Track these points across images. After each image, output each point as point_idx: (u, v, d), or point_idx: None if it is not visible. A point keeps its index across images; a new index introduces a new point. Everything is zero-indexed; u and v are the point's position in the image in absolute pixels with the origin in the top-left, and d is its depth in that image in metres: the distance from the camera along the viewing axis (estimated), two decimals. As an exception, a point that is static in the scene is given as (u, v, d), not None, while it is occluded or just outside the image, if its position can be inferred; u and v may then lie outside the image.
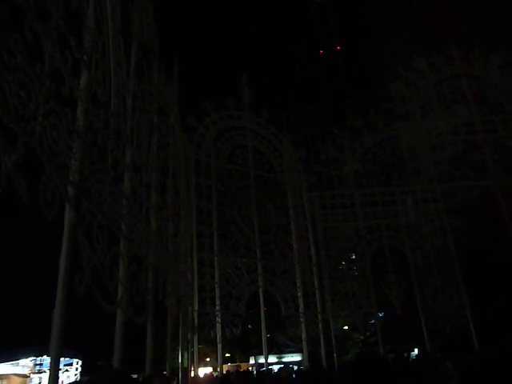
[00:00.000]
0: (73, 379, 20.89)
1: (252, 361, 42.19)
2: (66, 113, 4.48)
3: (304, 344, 18.22)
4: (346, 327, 31.65)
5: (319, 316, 18.56)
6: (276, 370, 19.46)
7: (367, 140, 21.66)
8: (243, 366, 35.37)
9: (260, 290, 17.55)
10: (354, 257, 20.69)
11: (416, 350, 31.79)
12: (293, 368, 20.50)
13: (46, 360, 18.75)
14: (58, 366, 4.47)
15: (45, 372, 19.28)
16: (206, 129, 18.89)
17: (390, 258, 20.09)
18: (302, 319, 17.94)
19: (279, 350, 42.07)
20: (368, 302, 19.27)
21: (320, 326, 18.40)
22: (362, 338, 35.69)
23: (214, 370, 25.77)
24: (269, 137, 20.78)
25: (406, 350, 27.90)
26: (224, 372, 17.52)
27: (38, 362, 19.21)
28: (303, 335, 17.95)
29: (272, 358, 37.99)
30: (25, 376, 18.58)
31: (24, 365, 19.30)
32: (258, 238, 18.17)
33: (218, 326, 16.21)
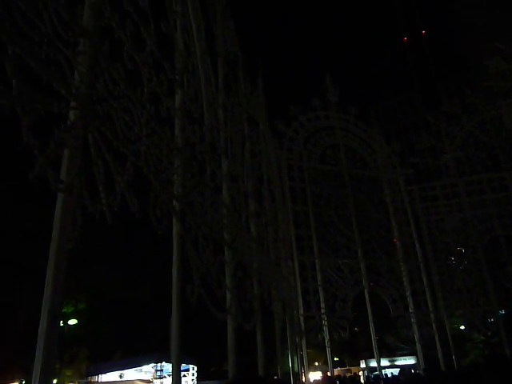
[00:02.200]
0: (190, 384, 21.88)
1: (362, 364, 40.93)
2: (166, 131, 4.74)
3: (418, 346, 17.24)
4: (462, 327, 29.32)
5: (432, 315, 17.44)
6: (389, 375, 18.65)
7: (467, 124, 20.04)
8: (353, 370, 34.46)
9: (365, 291, 17.02)
10: (463, 250, 19.17)
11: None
12: (410, 371, 19.44)
13: (166, 366, 20.00)
14: (180, 371, 4.70)
15: (165, 377, 20.56)
16: (295, 132, 18.92)
17: (507, 249, 18.25)
18: (413, 319, 17.02)
19: (390, 353, 40.27)
20: (486, 298, 17.68)
21: (433, 326, 17.28)
22: (483, 338, 32.76)
23: (324, 374, 25.41)
24: (359, 133, 20.21)
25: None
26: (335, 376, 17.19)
27: (159, 368, 20.53)
28: (416, 336, 17.00)
29: (384, 362, 36.51)
30: (148, 381, 19.96)
31: (146, 371, 20.74)
32: (358, 237, 17.67)
33: (325, 329, 16.01)
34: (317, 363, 39.40)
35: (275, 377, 12.59)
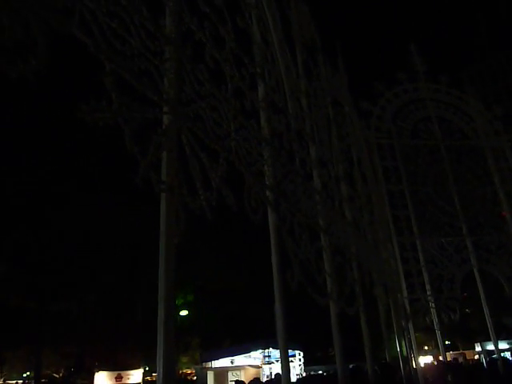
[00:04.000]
0: (298, 370, 22.29)
1: (478, 348, 38.38)
2: (253, 124, 4.84)
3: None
4: None
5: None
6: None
7: None
8: (468, 354, 32.48)
9: (475, 270, 15.89)
10: None
11: None
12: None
13: (273, 352, 20.57)
14: (287, 357, 4.81)
15: (273, 363, 21.16)
16: (382, 110, 18.14)
17: None
18: (533, 298, 15.57)
19: (510, 335, 37.19)
20: None
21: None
22: None
23: (435, 358, 24.29)
24: (453, 102, 18.77)
25: None
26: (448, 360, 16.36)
27: (266, 354, 21.19)
28: (540, 316, 15.54)
29: (502, 344, 33.85)
30: (257, 367, 20.67)
31: (255, 357, 21.51)
32: (462, 213, 16.51)
33: (433, 311, 15.26)
34: (426, 347, 37.80)
35: (383, 361, 12.34)
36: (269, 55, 6.52)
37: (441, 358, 16.18)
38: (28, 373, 30.56)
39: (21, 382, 25.04)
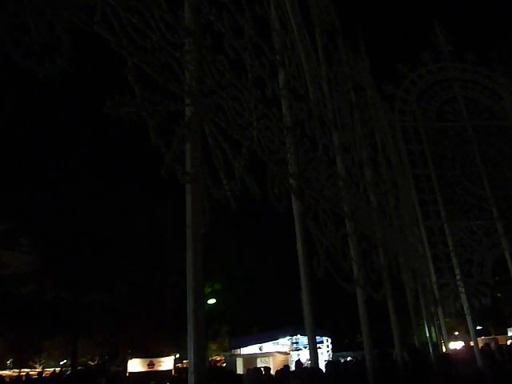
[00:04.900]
0: (326, 356, 22.36)
1: (510, 332, 37.63)
2: (274, 112, 4.84)
3: None
4: None
5: None
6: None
7: None
8: (500, 340, 31.87)
9: (506, 253, 15.51)
10: None
11: None
12: None
13: (301, 339, 20.70)
14: (315, 343, 4.86)
15: (301, 350, 21.30)
16: (405, 92, 17.74)
17: None
18: None
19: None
20: None
21: None
22: None
23: (466, 344, 23.97)
24: (481, 81, 18.17)
25: None
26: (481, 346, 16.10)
27: (294, 341, 21.34)
28: None
29: (538, 329, 33.07)
30: (285, 353, 20.85)
31: (283, 343, 21.68)
32: (492, 195, 16.08)
33: (463, 296, 15.01)
34: (457, 332, 37.31)
35: (412, 346, 12.26)
36: (288, 42, 6.47)
37: (471, 344, 15.93)
38: (65, 360, 31.76)
39: (58, 369, 26.03)
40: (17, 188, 22.61)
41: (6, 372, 27.00)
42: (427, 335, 12.48)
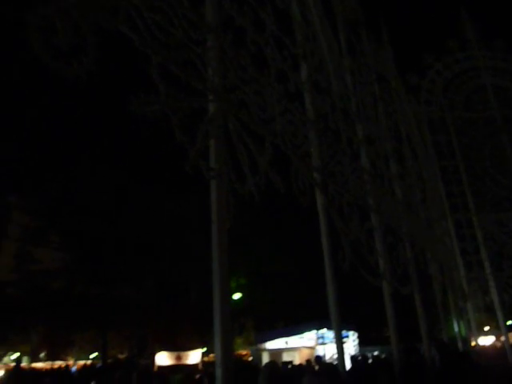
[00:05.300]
0: (352, 350, 22.21)
1: (545, 327, 36.48)
2: (297, 106, 4.82)
3: None
4: None
5: None
6: None
7: None
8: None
9: (538, 246, 15.07)
10: None
11: None
12: None
13: (326, 333, 20.59)
14: (341, 338, 4.85)
15: (326, 344, 21.19)
16: (431, 83, 17.36)
17: None
18: None
19: None
20: None
21: None
22: None
23: (497, 339, 23.41)
24: (510, 69, 17.61)
25: None
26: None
27: (320, 335, 21.24)
28: None
29: None
30: (311, 348, 20.79)
31: (309, 338, 21.62)
32: (522, 187, 15.63)
33: (493, 290, 14.68)
34: (487, 327, 36.43)
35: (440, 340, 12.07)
36: (310, 34, 6.42)
37: (502, 339, 15.56)
38: (95, 353, 32.61)
39: (89, 362, 26.76)
40: (47, 186, 23.27)
41: (40, 364, 27.89)
42: (456, 330, 12.26)
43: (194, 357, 19.28)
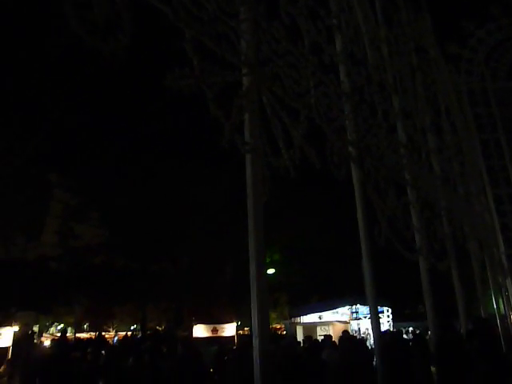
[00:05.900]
0: (386, 326, 22.19)
1: None
2: (332, 79, 4.71)
3: None
4: None
5: None
6: None
7: None
8: None
9: None
10: None
11: None
12: None
13: (361, 308, 20.64)
14: (377, 313, 4.84)
15: (360, 319, 21.27)
16: (472, 52, 16.56)
17: None
18: None
19: None
20: None
21: None
22: None
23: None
24: (560, 34, 16.55)
25: None
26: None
27: (354, 311, 21.33)
28: None
29: None
30: (345, 322, 20.93)
31: (343, 313, 21.75)
32: None
33: (535, 266, 14.23)
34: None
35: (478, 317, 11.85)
36: (345, 4, 6.22)
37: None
38: (135, 325, 34.02)
39: (130, 333, 27.95)
40: (86, 164, 24.01)
41: (84, 335, 29.37)
42: (494, 307, 12.01)
43: (229, 329, 19.74)
